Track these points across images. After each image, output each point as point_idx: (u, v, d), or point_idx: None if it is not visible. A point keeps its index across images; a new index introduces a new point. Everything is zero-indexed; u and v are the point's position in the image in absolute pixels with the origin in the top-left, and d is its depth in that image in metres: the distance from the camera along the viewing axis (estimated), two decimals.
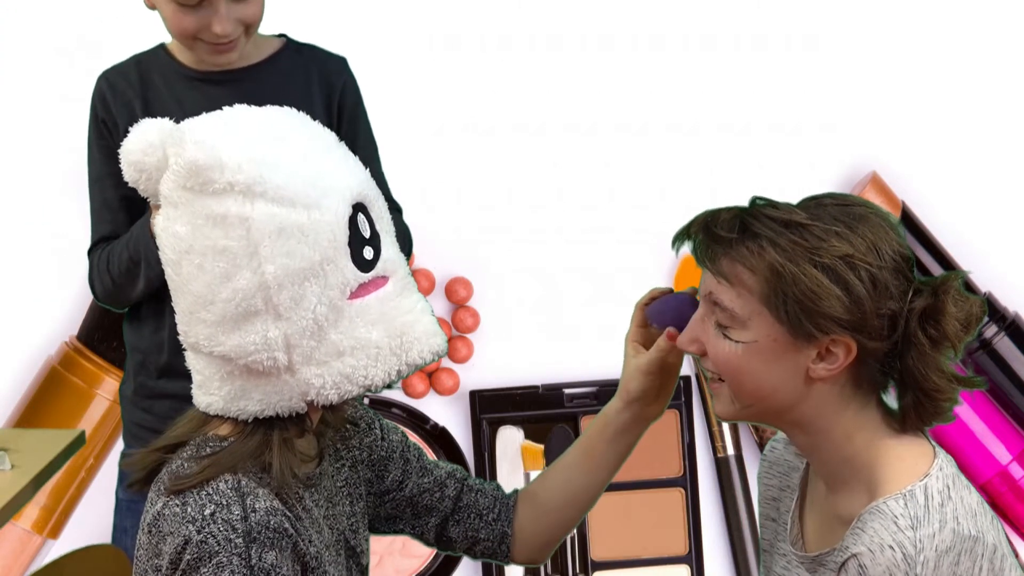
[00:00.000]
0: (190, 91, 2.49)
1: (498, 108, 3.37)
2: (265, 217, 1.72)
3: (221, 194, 1.73)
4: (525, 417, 3.39)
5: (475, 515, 2.07)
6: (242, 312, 1.74)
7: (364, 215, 1.80)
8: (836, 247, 1.79)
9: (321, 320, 1.75)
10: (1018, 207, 3.44)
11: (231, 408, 1.80)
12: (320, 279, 1.75)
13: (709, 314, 1.86)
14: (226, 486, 1.75)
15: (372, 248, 1.80)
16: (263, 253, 1.73)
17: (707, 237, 1.84)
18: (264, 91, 2.48)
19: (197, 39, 2.42)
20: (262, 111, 1.84)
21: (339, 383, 1.78)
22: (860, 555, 1.76)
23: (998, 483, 3.33)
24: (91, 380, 3.23)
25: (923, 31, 3.41)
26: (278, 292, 1.73)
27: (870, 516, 1.79)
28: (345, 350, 1.77)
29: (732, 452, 3.41)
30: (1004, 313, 3.36)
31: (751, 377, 1.84)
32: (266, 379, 1.78)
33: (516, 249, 3.40)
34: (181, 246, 1.76)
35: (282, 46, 2.56)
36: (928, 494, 1.79)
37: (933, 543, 1.75)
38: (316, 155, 1.79)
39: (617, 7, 3.38)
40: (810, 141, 3.40)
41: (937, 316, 1.80)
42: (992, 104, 3.42)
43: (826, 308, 1.78)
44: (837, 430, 1.84)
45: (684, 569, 3.40)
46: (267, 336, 1.75)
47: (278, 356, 1.75)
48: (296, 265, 1.73)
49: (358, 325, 1.78)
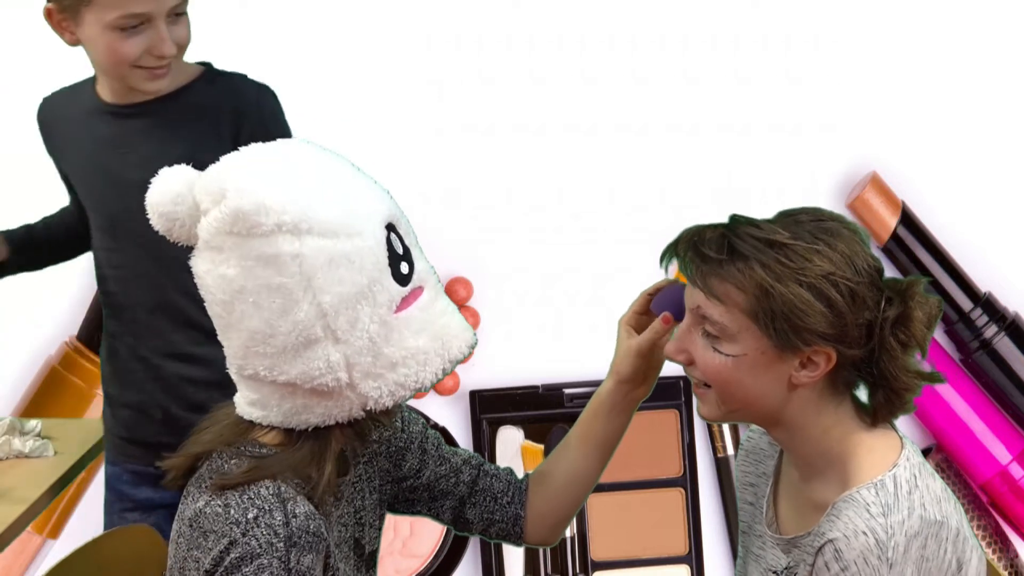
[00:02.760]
0: (101, 124, 2.51)
1: (498, 108, 3.37)
2: (315, 251, 1.82)
3: (270, 236, 1.82)
4: (525, 417, 3.39)
5: (490, 498, 2.18)
6: (303, 341, 1.84)
7: (395, 233, 1.89)
8: (819, 266, 1.91)
9: (375, 337, 1.86)
10: (1018, 207, 3.44)
11: (291, 422, 1.90)
12: (370, 300, 1.85)
13: (696, 326, 1.97)
14: (268, 492, 1.84)
15: (407, 263, 1.90)
16: (317, 284, 1.82)
17: (696, 257, 1.95)
18: (176, 122, 2.49)
19: (135, 66, 2.42)
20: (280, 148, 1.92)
21: (394, 391, 1.88)
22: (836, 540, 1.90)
23: (998, 483, 3.33)
24: (91, 380, 3.24)
25: (923, 31, 3.41)
26: (335, 318, 1.83)
27: (844, 504, 1.92)
28: (398, 361, 1.88)
29: (732, 452, 3.41)
30: (1004, 313, 3.36)
31: (739, 386, 1.96)
32: (328, 397, 1.88)
33: (516, 249, 3.40)
34: (232, 287, 1.84)
35: (198, 75, 2.55)
36: (897, 483, 1.92)
37: (903, 528, 1.89)
38: (345, 184, 1.89)
39: (617, 7, 3.38)
40: (810, 141, 3.40)
41: (906, 322, 1.93)
42: (992, 104, 3.42)
43: (811, 323, 1.91)
44: (815, 427, 1.98)
45: (684, 569, 3.40)
46: (329, 360, 1.85)
47: (340, 376, 1.85)
48: (348, 291, 1.84)
49: (406, 336, 1.88)
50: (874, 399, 1.97)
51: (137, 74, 2.44)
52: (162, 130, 2.50)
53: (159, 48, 2.40)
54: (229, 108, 2.51)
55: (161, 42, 2.40)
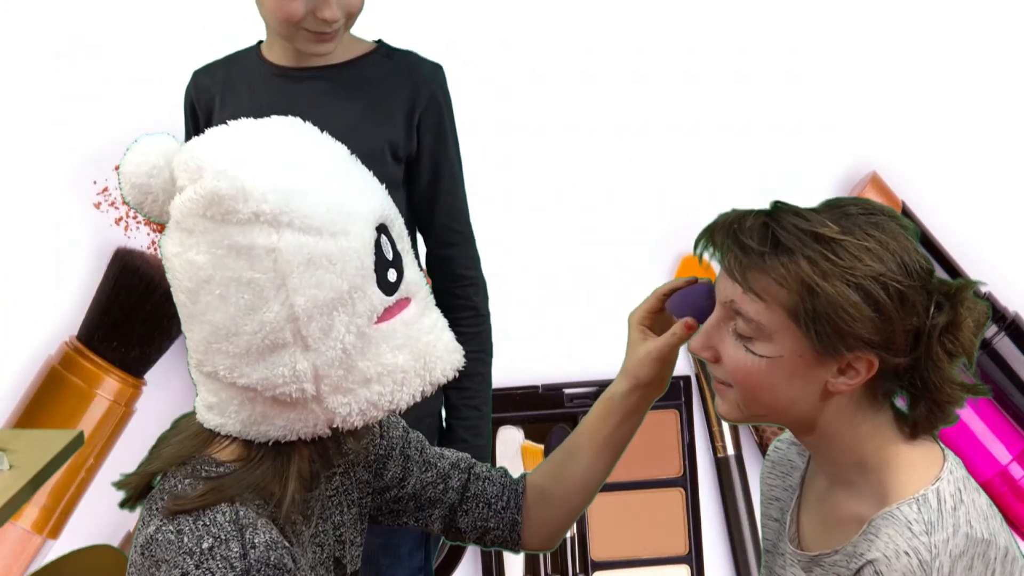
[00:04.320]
0: (267, 87, 2.45)
1: (498, 108, 3.37)
2: (293, 248, 1.67)
3: (246, 224, 1.67)
4: (525, 417, 3.39)
5: (484, 504, 2.02)
6: (269, 345, 1.69)
7: (386, 236, 1.75)
8: (870, 266, 1.75)
9: (350, 349, 1.71)
10: (1018, 207, 3.44)
11: (249, 432, 1.75)
12: (349, 307, 1.70)
13: (726, 321, 1.83)
14: (224, 518, 1.70)
15: (396, 270, 1.75)
16: (291, 285, 1.68)
17: (736, 246, 1.79)
18: (343, 91, 2.44)
19: (300, 27, 2.37)
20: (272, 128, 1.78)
21: (365, 410, 1.73)
22: (876, 561, 1.76)
23: (998, 483, 3.33)
24: (91, 380, 3.23)
25: (923, 32, 3.41)
26: (307, 324, 1.68)
27: (884, 522, 1.78)
28: (372, 377, 1.73)
29: (732, 452, 3.41)
30: (1004, 313, 3.36)
31: (769, 391, 1.81)
32: (291, 408, 1.73)
33: (516, 249, 3.40)
34: (200, 275, 1.70)
35: (372, 50, 2.51)
36: (940, 498, 1.78)
37: (947, 548, 1.74)
38: (338, 177, 1.74)
39: (617, 7, 3.38)
40: (810, 141, 3.40)
41: (955, 330, 1.79)
42: (992, 104, 3.42)
43: (856, 327, 1.76)
44: (849, 437, 1.83)
45: (684, 569, 3.40)
46: (296, 368, 1.70)
47: (306, 387, 1.71)
48: (325, 295, 1.68)
49: (384, 351, 1.73)
50: (915, 411, 1.82)
51: (302, 35, 2.39)
52: (332, 97, 2.44)
53: (323, 11, 2.35)
54: (405, 82, 2.46)
55: (326, 6, 2.34)
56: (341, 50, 2.47)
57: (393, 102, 2.45)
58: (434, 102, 2.48)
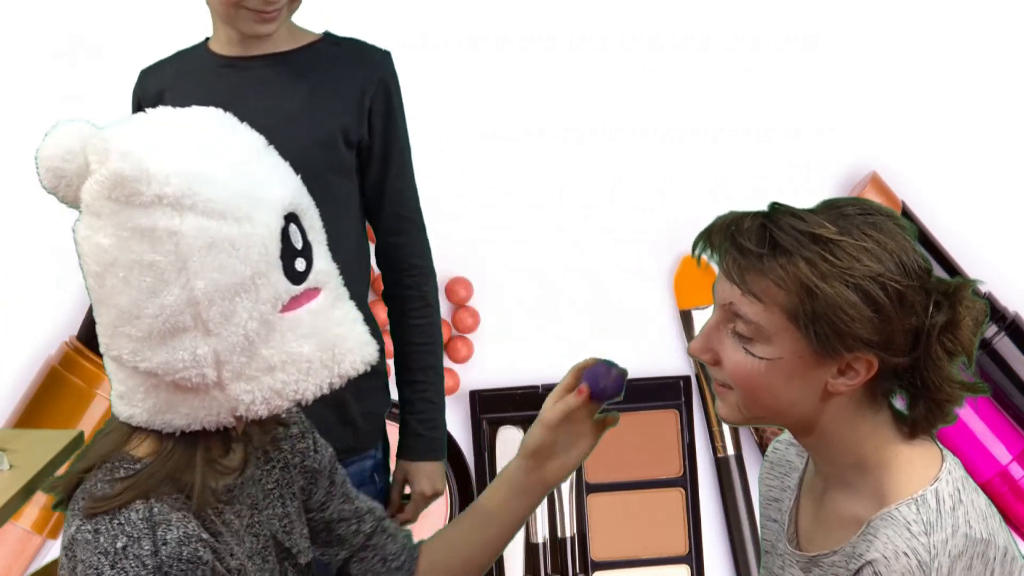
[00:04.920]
0: (214, 78, 2.45)
1: (498, 109, 3.37)
2: (195, 231, 1.67)
3: (149, 207, 1.67)
4: (525, 417, 3.38)
5: (380, 559, 2.03)
6: (170, 328, 1.69)
7: (296, 225, 1.75)
8: (868, 266, 1.76)
9: (252, 335, 1.71)
10: (1018, 207, 3.43)
11: (155, 421, 1.76)
12: (251, 294, 1.70)
13: (725, 323, 1.83)
14: (137, 516, 1.71)
15: (304, 259, 1.75)
16: (192, 268, 1.68)
17: (734, 248, 1.79)
18: (291, 78, 2.44)
19: (241, 6, 2.36)
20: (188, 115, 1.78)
21: (269, 398, 1.73)
22: (875, 562, 1.76)
23: (998, 483, 3.33)
24: (91, 380, 3.23)
25: (923, 31, 3.41)
26: (208, 308, 1.69)
27: (882, 522, 1.78)
28: (276, 365, 1.73)
29: (732, 452, 3.41)
30: (1004, 313, 3.36)
31: (769, 392, 1.81)
32: (194, 394, 1.73)
33: (516, 249, 3.40)
34: (105, 258, 1.70)
35: (320, 39, 2.51)
36: (939, 498, 1.78)
37: (946, 548, 1.74)
38: (247, 164, 1.74)
39: (616, 8, 3.38)
40: (810, 142, 3.40)
41: (954, 329, 1.79)
42: (992, 104, 3.42)
43: (856, 328, 1.76)
44: (849, 438, 1.84)
45: (684, 569, 3.40)
46: (196, 353, 1.70)
47: (207, 373, 1.71)
48: (227, 280, 1.68)
49: (289, 339, 1.73)
50: (915, 411, 1.83)
51: (243, 15, 2.38)
52: (280, 84, 2.44)
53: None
54: (355, 68, 2.46)
55: None
56: (288, 39, 2.46)
57: (343, 87, 2.45)
58: (384, 86, 2.47)
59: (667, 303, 3.41)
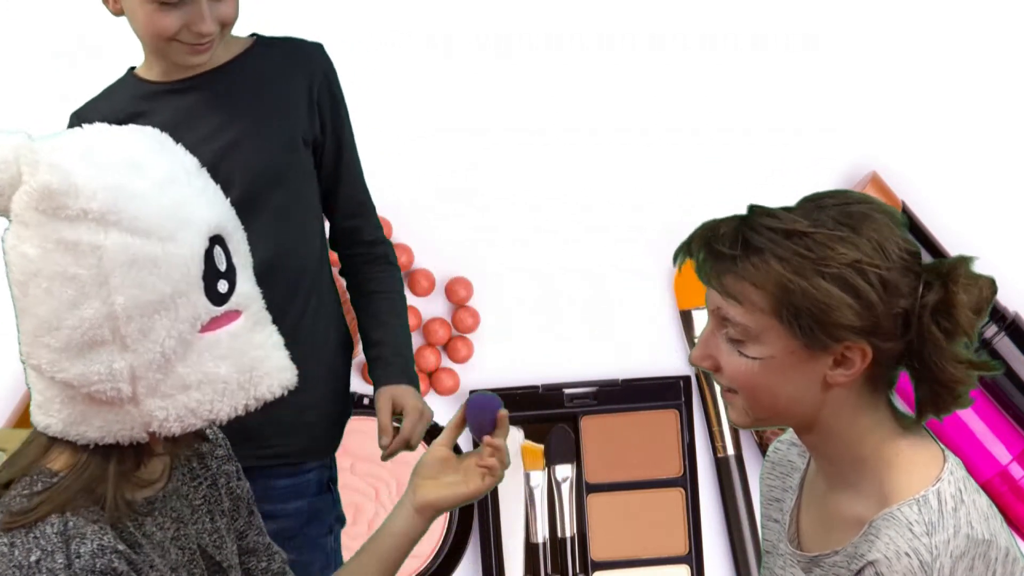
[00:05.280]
0: (159, 105, 2.42)
1: (498, 109, 3.37)
2: (118, 247, 1.71)
3: (74, 220, 1.70)
4: (525, 417, 3.38)
5: None
6: (87, 341, 1.72)
7: (221, 248, 1.78)
8: (843, 254, 1.77)
9: (169, 353, 1.74)
10: (1018, 207, 3.43)
11: (70, 432, 1.78)
12: (171, 312, 1.73)
13: (719, 329, 1.84)
14: (52, 530, 1.74)
15: (227, 282, 1.78)
16: (113, 283, 1.71)
17: (709, 254, 1.81)
18: (236, 90, 2.43)
19: (173, 40, 2.35)
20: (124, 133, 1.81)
21: (183, 416, 1.76)
22: (877, 562, 1.76)
23: (998, 483, 3.33)
24: None
25: (923, 31, 3.41)
26: (126, 323, 1.71)
27: (884, 523, 1.79)
28: (192, 384, 1.76)
29: (732, 452, 3.41)
30: (1004, 313, 3.36)
31: (768, 392, 1.82)
32: (108, 408, 1.75)
33: (516, 249, 3.40)
34: (30, 268, 1.73)
35: (251, 44, 2.49)
36: (941, 499, 1.78)
37: (948, 549, 1.75)
38: (175, 184, 1.77)
39: (617, 8, 3.38)
40: (810, 142, 3.40)
41: (949, 308, 1.78)
42: (992, 104, 3.42)
43: (838, 318, 1.77)
44: (851, 432, 1.84)
45: (684, 569, 3.40)
46: (112, 367, 1.73)
47: (122, 387, 1.73)
48: (146, 297, 1.72)
49: (206, 359, 1.76)
50: (919, 392, 1.83)
51: (175, 48, 2.37)
52: (227, 99, 2.43)
53: (198, 25, 2.32)
54: (297, 68, 2.45)
55: (200, 19, 2.32)
56: (222, 50, 2.44)
57: (292, 90, 2.44)
58: (326, 80, 2.47)
59: (667, 303, 3.41)
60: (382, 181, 3.33)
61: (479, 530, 3.36)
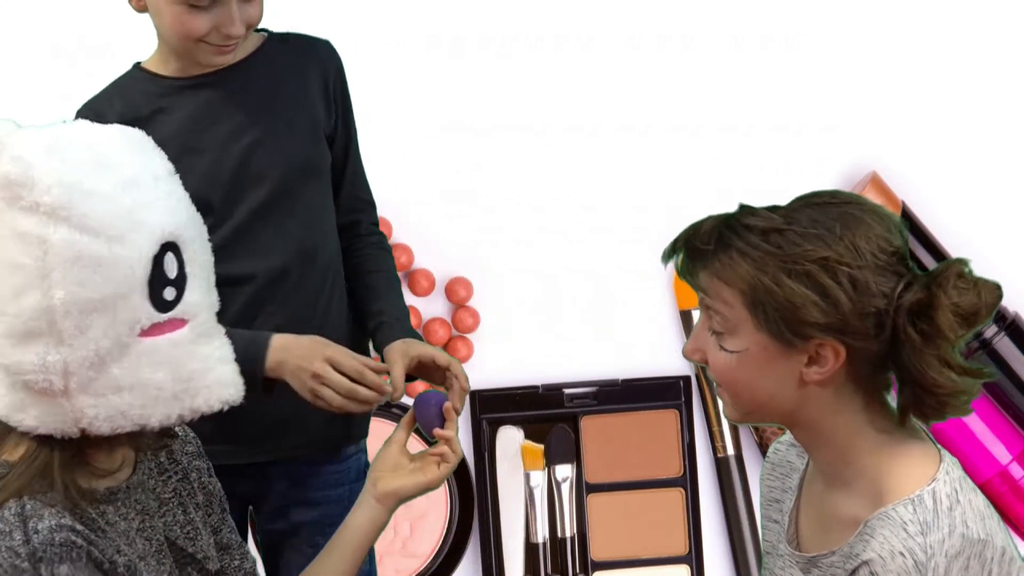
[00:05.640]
0: (181, 100, 2.42)
1: (499, 108, 3.37)
2: (63, 243, 1.73)
3: (27, 211, 1.73)
4: (525, 417, 3.38)
5: None
6: (26, 331, 1.75)
7: (175, 254, 1.79)
8: (811, 252, 1.78)
9: (104, 353, 1.76)
10: (1018, 207, 3.43)
11: (12, 418, 1.81)
12: (109, 313, 1.75)
13: (707, 320, 1.87)
14: (9, 513, 1.77)
15: (175, 289, 1.79)
16: (55, 277, 1.73)
17: (688, 251, 1.86)
18: (256, 86, 2.43)
19: (201, 41, 2.35)
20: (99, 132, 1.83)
21: (112, 417, 1.78)
22: (871, 562, 1.77)
23: (998, 483, 3.33)
24: None
25: (923, 31, 3.41)
26: (64, 318, 1.73)
27: (879, 522, 1.79)
28: (125, 386, 1.77)
29: (732, 452, 3.41)
30: (1004, 313, 3.36)
31: (746, 385, 1.85)
32: (41, 398, 1.78)
33: (516, 249, 3.40)
34: None
35: (265, 40, 2.49)
36: (936, 499, 1.79)
37: (943, 548, 1.75)
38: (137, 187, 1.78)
39: (618, 8, 3.38)
40: (810, 141, 3.40)
41: (929, 311, 1.77)
42: (992, 104, 3.42)
43: (804, 315, 1.78)
44: (840, 431, 1.84)
45: (684, 569, 3.40)
46: (46, 359, 1.75)
47: (54, 380, 1.76)
48: (86, 295, 1.73)
49: (143, 364, 1.78)
50: (902, 397, 1.84)
51: (203, 48, 2.36)
52: (244, 96, 2.43)
53: (227, 27, 2.32)
54: (312, 62, 2.46)
55: (230, 21, 2.32)
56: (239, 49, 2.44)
57: (309, 85, 2.46)
58: (340, 75, 2.49)
59: (667, 303, 3.41)
60: (382, 181, 3.33)
61: (479, 530, 3.36)
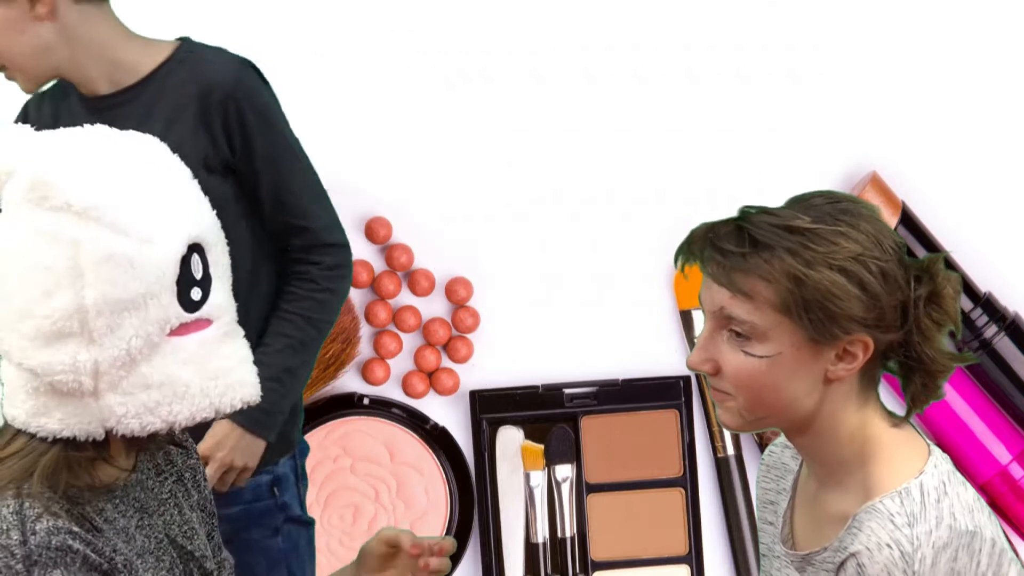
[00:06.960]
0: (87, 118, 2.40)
1: (499, 108, 3.37)
2: (95, 243, 1.74)
3: (57, 212, 1.74)
4: (525, 417, 3.38)
5: None
6: (56, 331, 1.75)
7: (200, 256, 1.81)
8: (847, 247, 1.81)
9: (134, 352, 1.76)
10: (1018, 207, 3.43)
11: (31, 423, 1.80)
12: (140, 312, 1.76)
13: (719, 330, 1.85)
14: (8, 511, 1.77)
15: (201, 290, 1.80)
16: (87, 278, 1.74)
17: (716, 253, 1.83)
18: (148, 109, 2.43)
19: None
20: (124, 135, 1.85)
21: (141, 414, 1.78)
22: (858, 554, 1.78)
23: (998, 483, 3.33)
24: None
25: (922, 32, 3.41)
26: (95, 318, 1.74)
27: (866, 515, 1.81)
28: (153, 384, 1.78)
29: (732, 452, 3.41)
30: (1004, 313, 3.36)
31: (773, 391, 1.84)
32: (69, 399, 1.78)
33: (516, 249, 3.40)
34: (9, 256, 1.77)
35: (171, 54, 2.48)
36: (924, 491, 1.81)
37: (930, 540, 1.77)
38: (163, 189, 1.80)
39: (618, 8, 3.38)
40: (810, 141, 3.40)
41: (938, 299, 1.84)
42: (992, 104, 3.42)
43: (848, 309, 1.80)
44: (843, 428, 1.86)
45: (684, 569, 3.40)
46: (76, 359, 1.75)
47: (84, 380, 1.76)
48: (118, 295, 1.74)
49: (171, 362, 1.79)
50: (911, 386, 1.87)
51: None
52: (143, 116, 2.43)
53: None
54: (194, 89, 2.42)
55: None
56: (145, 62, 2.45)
57: (188, 109, 2.43)
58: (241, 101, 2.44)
59: (667, 303, 3.41)
60: (382, 181, 3.34)
61: (479, 530, 3.36)
